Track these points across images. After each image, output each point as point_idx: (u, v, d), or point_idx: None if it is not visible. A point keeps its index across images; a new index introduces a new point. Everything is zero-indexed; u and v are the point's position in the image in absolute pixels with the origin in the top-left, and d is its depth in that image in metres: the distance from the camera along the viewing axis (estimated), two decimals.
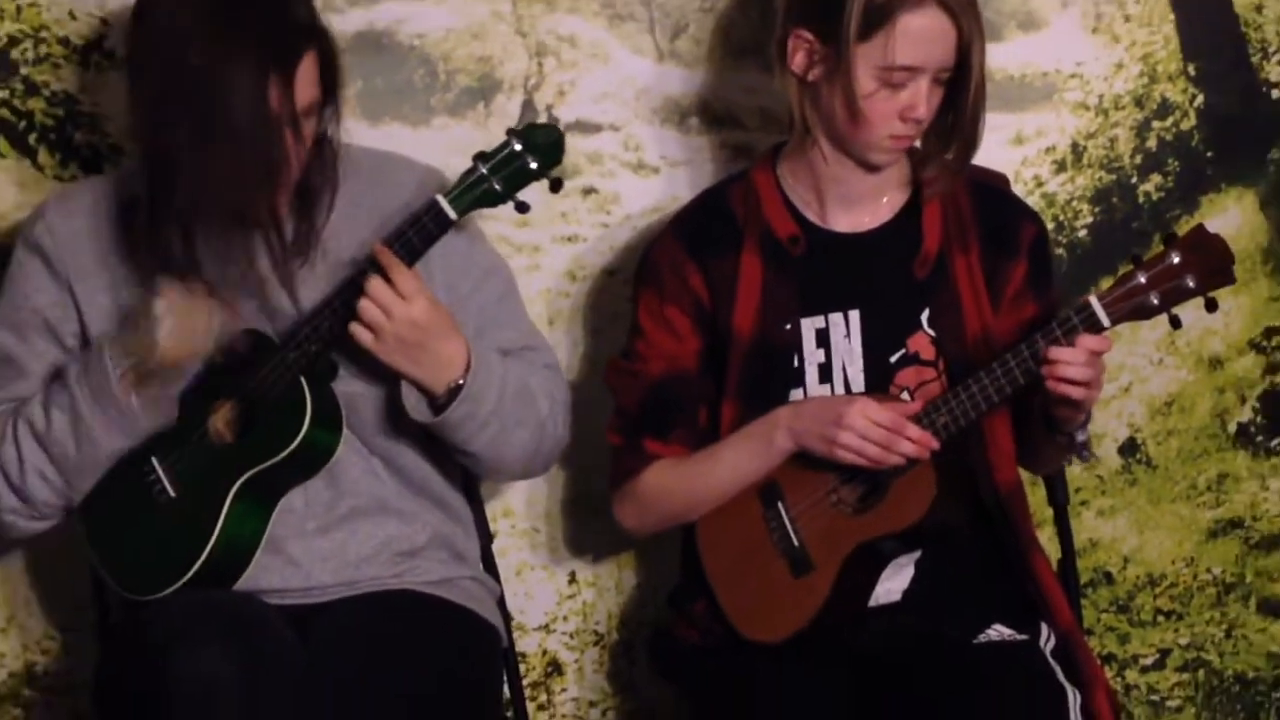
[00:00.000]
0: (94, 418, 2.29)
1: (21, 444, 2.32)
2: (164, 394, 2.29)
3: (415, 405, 2.30)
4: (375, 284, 2.23)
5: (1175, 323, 2.26)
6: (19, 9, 2.60)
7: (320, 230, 2.34)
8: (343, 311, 2.28)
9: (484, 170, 2.24)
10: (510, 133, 2.25)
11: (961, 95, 2.33)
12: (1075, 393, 2.23)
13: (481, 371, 2.29)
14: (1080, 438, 2.35)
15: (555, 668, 2.77)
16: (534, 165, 2.23)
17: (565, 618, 2.77)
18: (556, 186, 2.26)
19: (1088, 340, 2.23)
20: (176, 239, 2.25)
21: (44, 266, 2.39)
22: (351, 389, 2.35)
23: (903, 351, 2.39)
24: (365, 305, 2.24)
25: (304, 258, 2.33)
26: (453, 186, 2.25)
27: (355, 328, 2.25)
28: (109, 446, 2.31)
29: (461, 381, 2.27)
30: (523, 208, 2.27)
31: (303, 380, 2.29)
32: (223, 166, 2.20)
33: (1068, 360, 2.22)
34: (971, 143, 2.37)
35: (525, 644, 2.72)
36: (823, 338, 2.39)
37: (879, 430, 2.27)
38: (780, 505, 2.37)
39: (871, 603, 2.37)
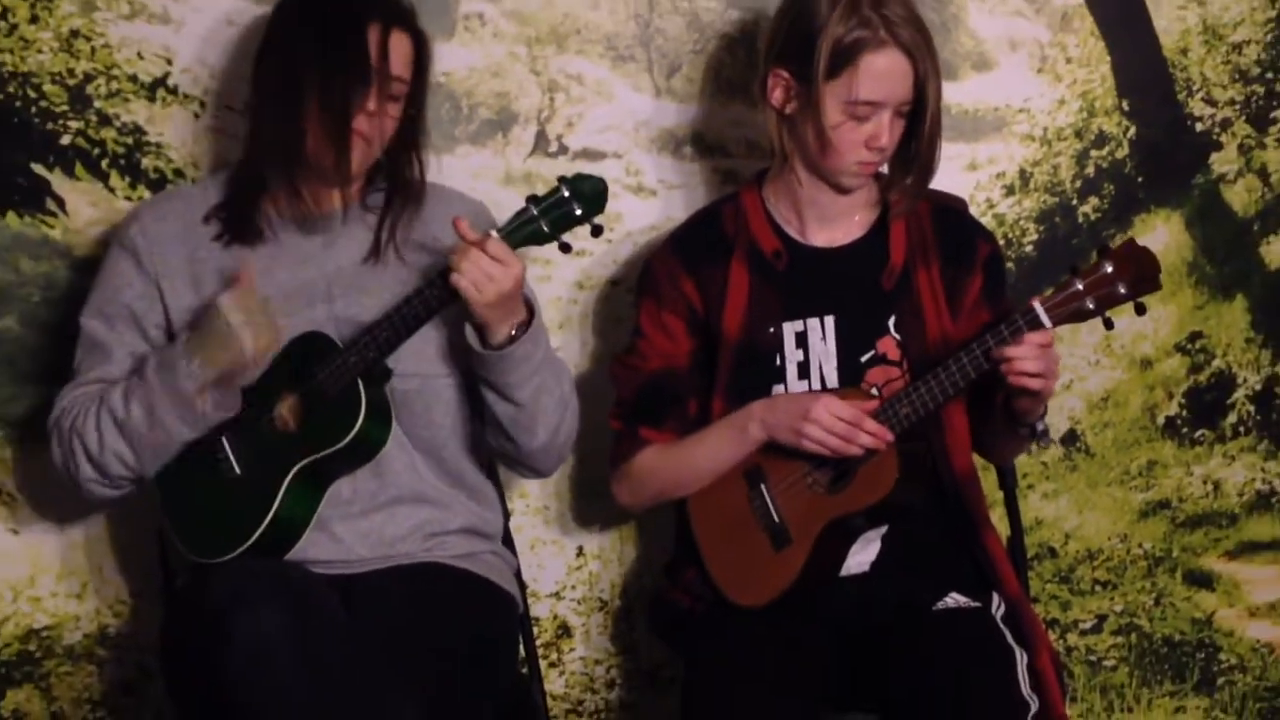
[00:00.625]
0: (168, 413, 2.29)
1: (103, 427, 2.32)
2: (231, 392, 2.30)
3: (478, 342, 2.29)
4: (477, 254, 2.21)
5: (1108, 324, 2.28)
6: (94, 50, 2.60)
7: (394, 229, 2.36)
8: (399, 324, 2.29)
9: (534, 212, 2.24)
10: (561, 180, 2.25)
11: (920, 127, 2.35)
12: (1033, 384, 2.25)
13: (539, 323, 2.31)
14: (1039, 427, 2.37)
15: (565, 630, 2.77)
16: (579, 211, 2.23)
17: (573, 586, 2.76)
18: (597, 232, 2.26)
19: (1033, 336, 2.24)
20: (268, 206, 2.31)
21: (135, 264, 2.40)
22: (405, 386, 2.36)
23: (872, 352, 2.40)
24: (470, 268, 2.20)
25: (375, 258, 2.36)
26: (506, 223, 2.26)
27: (461, 282, 2.21)
28: (179, 438, 2.32)
29: (518, 332, 2.27)
30: (565, 248, 2.27)
31: (360, 382, 2.29)
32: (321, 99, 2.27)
33: (1021, 355, 2.24)
34: (929, 169, 2.39)
35: (538, 609, 2.72)
36: (801, 340, 2.41)
37: (840, 424, 2.29)
38: (763, 486, 2.39)
39: (843, 572, 2.39)
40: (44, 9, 2.61)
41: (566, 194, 2.24)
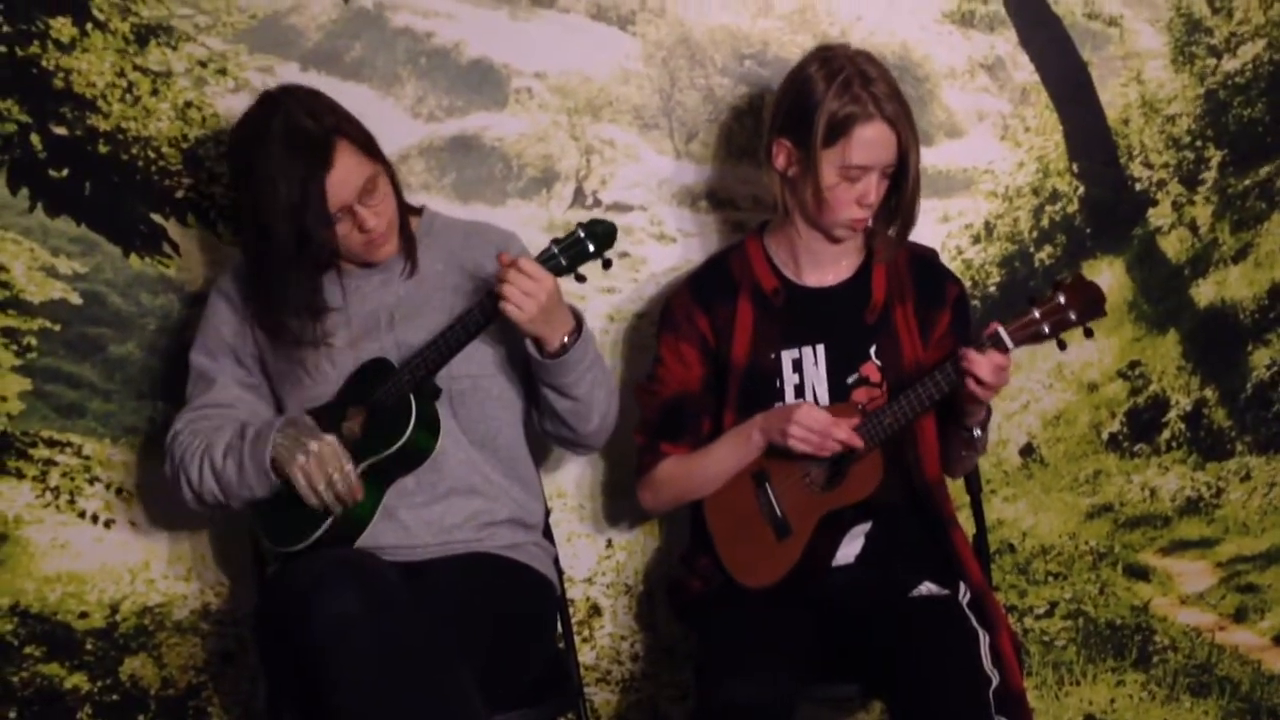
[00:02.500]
0: (251, 476, 2.31)
1: (204, 471, 2.35)
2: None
3: (537, 353, 2.29)
4: (514, 273, 2.21)
5: (1061, 345, 2.28)
6: (204, 118, 2.62)
7: (420, 260, 2.36)
8: (444, 346, 2.30)
9: (555, 250, 2.26)
10: (579, 224, 2.27)
11: (903, 186, 2.36)
12: (980, 392, 2.26)
13: (587, 329, 2.32)
14: (978, 434, 2.38)
15: (595, 610, 2.77)
16: (591, 248, 2.25)
17: (604, 573, 2.77)
18: (607, 265, 2.28)
19: (995, 356, 2.26)
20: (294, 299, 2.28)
21: (230, 307, 2.42)
22: (460, 387, 2.36)
23: (856, 375, 2.41)
24: (510, 289, 2.20)
25: (416, 278, 2.35)
26: (534, 259, 2.27)
27: (507, 306, 2.21)
28: (258, 493, 2.34)
29: (572, 336, 2.28)
30: (580, 279, 2.29)
31: (411, 397, 2.31)
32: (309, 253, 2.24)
33: (979, 361, 2.24)
34: (910, 222, 2.39)
35: (573, 592, 2.72)
36: (797, 365, 2.42)
37: (817, 425, 2.30)
38: (767, 485, 2.39)
39: (834, 563, 2.39)
40: (163, 84, 2.63)
41: (582, 235, 2.26)
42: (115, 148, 2.62)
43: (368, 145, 2.32)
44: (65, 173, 2.62)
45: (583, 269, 2.27)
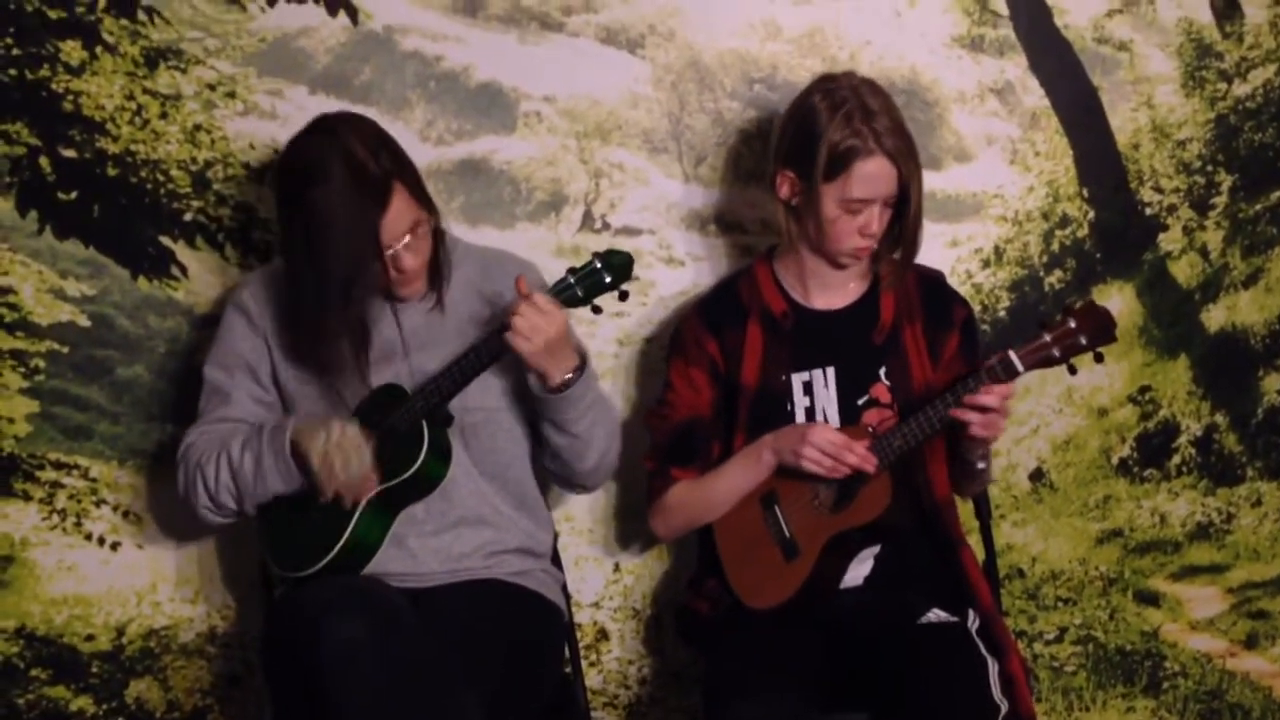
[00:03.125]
0: (269, 470, 2.31)
1: (220, 469, 2.34)
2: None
3: (539, 387, 2.29)
4: (526, 307, 2.22)
5: (1072, 370, 2.28)
6: (213, 141, 2.63)
7: (445, 297, 2.36)
8: (458, 374, 2.30)
9: (572, 280, 2.26)
10: (595, 254, 2.26)
11: (905, 216, 2.37)
12: (978, 430, 2.25)
13: (591, 368, 2.32)
14: (980, 466, 2.38)
15: (603, 635, 2.76)
16: (608, 280, 2.25)
17: (611, 597, 2.77)
18: (624, 297, 2.28)
19: (999, 388, 2.25)
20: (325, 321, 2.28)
21: (247, 323, 2.42)
22: (473, 419, 2.36)
23: (867, 397, 2.41)
24: (520, 321, 2.21)
25: (438, 310, 2.36)
26: (550, 288, 2.27)
27: (513, 337, 2.21)
28: (276, 489, 2.33)
29: (575, 374, 2.27)
30: (597, 310, 2.28)
31: (424, 424, 2.31)
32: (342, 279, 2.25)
33: (983, 401, 2.25)
34: (913, 249, 2.40)
35: (580, 616, 2.72)
36: (807, 388, 2.42)
37: (831, 447, 2.30)
38: (776, 507, 2.39)
39: (841, 585, 2.38)
40: (172, 107, 2.64)
41: (598, 265, 2.25)
42: (124, 170, 2.63)
43: (417, 188, 2.33)
44: (74, 195, 2.63)
45: (599, 300, 2.27)
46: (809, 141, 2.33)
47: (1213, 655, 2.85)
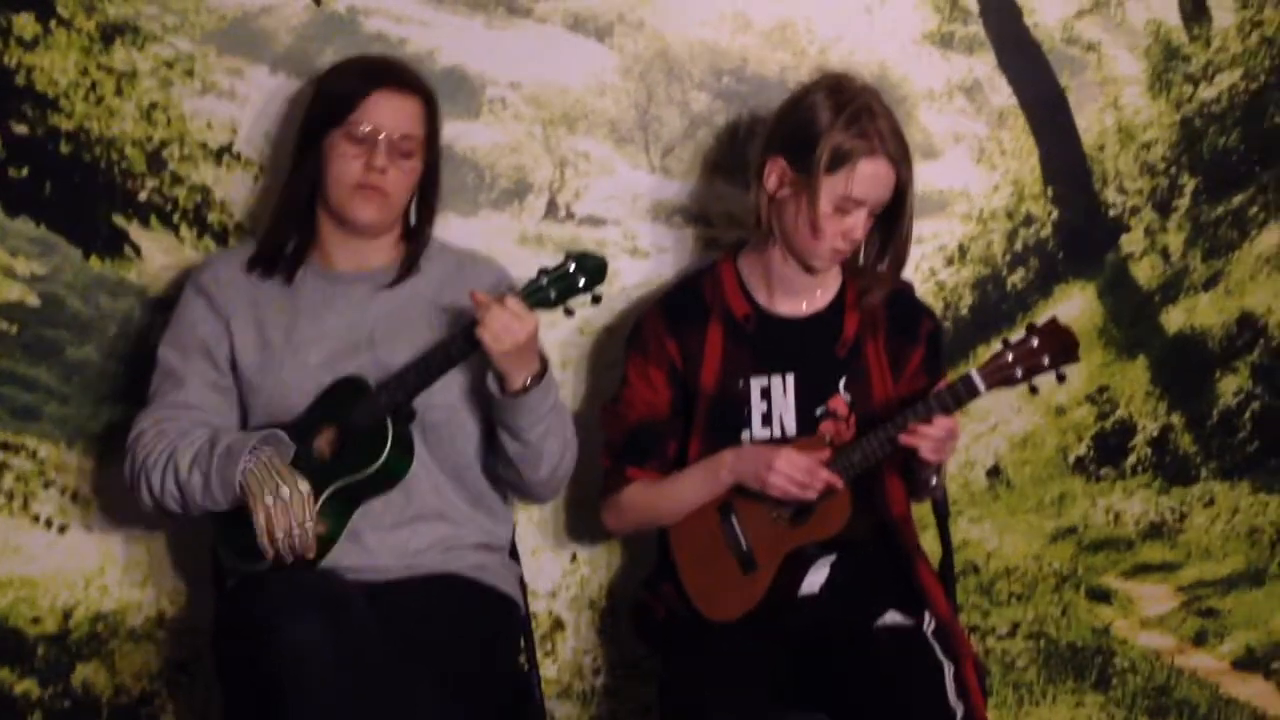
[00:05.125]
0: (217, 494, 2.27)
1: (165, 479, 2.31)
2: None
3: (497, 389, 2.28)
4: (499, 308, 2.20)
5: (1033, 390, 2.31)
6: (169, 120, 2.59)
7: (416, 260, 2.38)
8: (424, 371, 2.28)
9: (544, 281, 2.24)
10: (568, 255, 2.24)
11: (899, 224, 2.37)
12: (929, 455, 2.27)
13: (550, 376, 2.31)
14: (932, 481, 2.40)
15: (558, 625, 2.76)
16: (582, 283, 2.23)
17: (567, 587, 2.75)
18: (596, 300, 2.26)
19: (943, 421, 2.26)
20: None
21: (207, 305, 2.39)
22: (435, 417, 2.35)
23: (824, 408, 2.41)
24: (493, 320, 2.19)
25: (401, 285, 2.37)
26: (521, 288, 2.25)
27: (483, 333, 2.20)
28: (221, 506, 2.29)
29: (534, 380, 2.26)
30: (569, 313, 2.26)
31: (388, 420, 2.29)
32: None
33: (927, 433, 2.26)
34: (902, 260, 2.41)
35: (536, 606, 2.70)
36: (765, 393, 2.41)
37: (799, 474, 2.30)
38: (733, 518, 2.39)
39: (799, 592, 2.38)
40: (127, 84, 2.60)
41: (572, 268, 2.23)
42: (77, 148, 2.59)
43: (434, 131, 2.37)
44: (25, 172, 2.59)
45: (571, 303, 2.25)
46: (810, 132, 2.32)
47: (1161, 652, 2.90)
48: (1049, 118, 2.78)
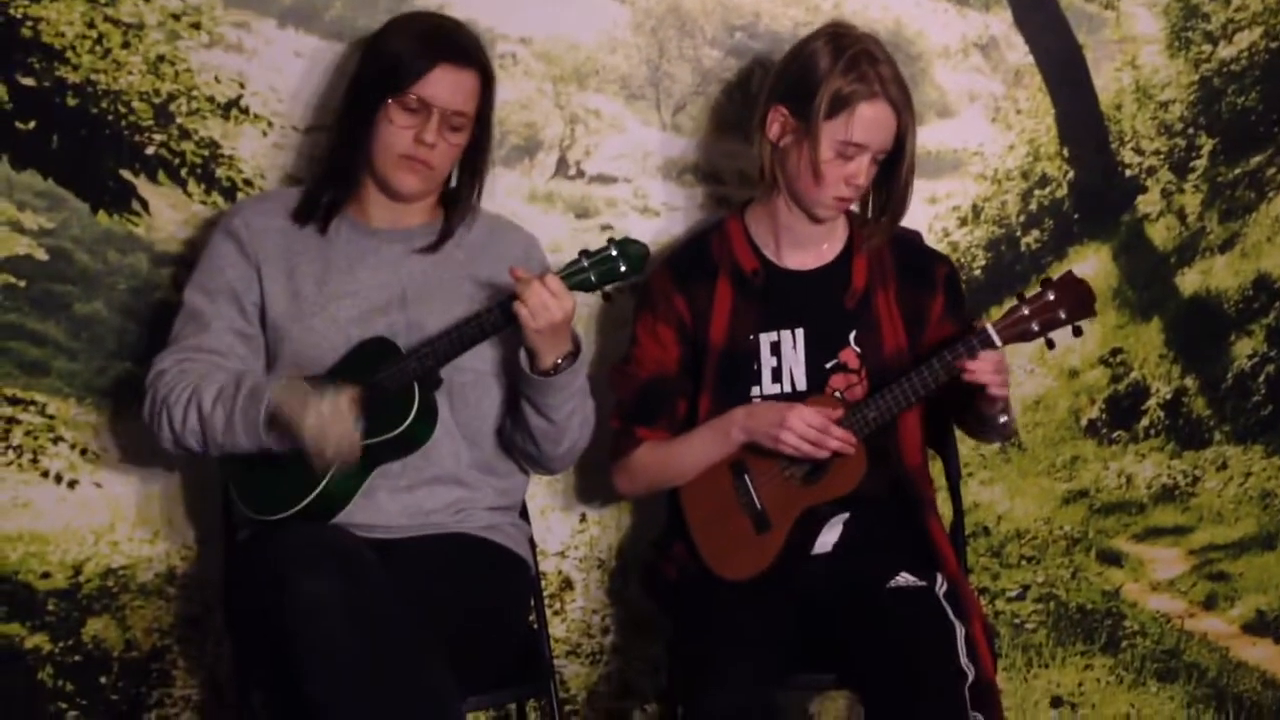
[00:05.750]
0: (240, 434, 2.26)
1: (188, 414, 2.30)
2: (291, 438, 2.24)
3: (528, 366, 2.28)
4: (539, 286, 2.20)
5: (1050, 344, 2.30)
6: (177, 73, 2.58)
7: (453, 230, 2.36)
8: (458, 340, 2.28)
9: (585, 264, 2.24)
10: (610, 240, 2.25)
11: (898, 171, 2.36)
12: (995, 390, 2.26)
13: (582, 358, 2.31)
14: (1002, 420, 2.37)
15: (567, 584, 2.76)
16: (623, 269, 2.24)
17: (576, 547, 2.76)
18: (609, 296, 2.28)
19: (989, 354, 2.27)
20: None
21: (237, 249, 2.37)
22: (462, 379, 2.35)
23: (835, 361, 2.41)
24: (532, 298, 2.19)
25: (437, 250, 2.35)
26: (561, 269, 2.25)
27: (522, 311, 2.20)
28: (243, 447, 2.28)
29: (566, 360, 2.26)
30: (607, 298, 2.27)
31: (415, 385, 2.28)
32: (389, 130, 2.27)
33: (978, 368, 2.26)
34: (902, 208, 2.40)
35: (545, 565, 2.72)
36: (775, 348, 2.41)
37: (812, 432, 2.29)
38: (746, 477, 2.39)
39: (812, 552, 2.39)
40: (134, 36, 2.59)
41: (614, 254, 2.24)
42: (84, 100, 2.58)
43: (488, 104, 2.35)
44: (32, 125, 2.58)
45: (610, 288, 2.26)
46: (811, 78, 2.32)
47: (1171, 615, 2.90)
48: (1066, 76, 2.76)
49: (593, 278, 2.24)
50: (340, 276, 2.37)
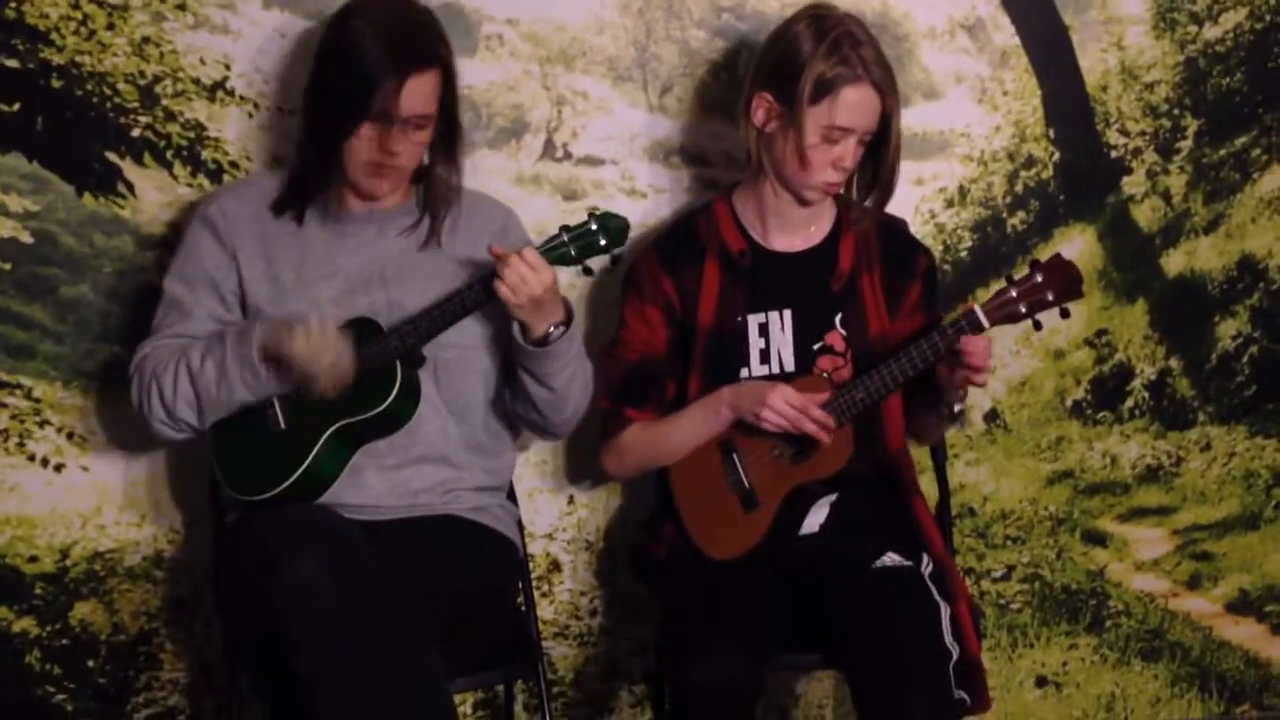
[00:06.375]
0: (234, 375, 2.27)
1: (179, 377, 2.30)
2: (287, 374, 2.27)
3: (521, 338, 2.29)
4: (516, 260, 2.21)
5: (1037, 325, 2.30)
6: (162, 54, 2.57)
7: (441, 221, 2.34)
8: (439, 317, 2.28)
9: (565, 239, 2.24)
10: (591, 214, 2.25)
11: (884, 153, 2.36)
12: (978, 379, 2.28)
13: (575, 324, 2.31)
14: (957, 408, 2.39)
15: (555, 566, 2.76)
16: (603, 243, 2.24)
17: (564, 529, 2.75)
18: (616, 261, 2.27)
19: (982, 339, 2.28)
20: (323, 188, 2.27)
21: (214, 238, 2.37)
22: (445, 355, 2.35)
23: (821, 343, 2.42)
24: (510, 273, 2.20)
25: (431, 242, 2.34)
26: (541, 244, 2.25)
27: (501, 287, 2.20)
28: (240, 397, 2.29)
29: (559, 329, 2.27)
30: (588, 272, 2.28)
31: (398, 363, 2.28)
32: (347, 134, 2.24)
33: (974, 350, 2.27)
34: (889, 190, 2.40)
35: (533, 547, 2.71)
36: (763, 330, 2.42)
37: (790, 411, 2.30)
38: (735, 456, 2.40)
39: (799, 532, 2.40)
40: (119, 18, 2.57)
41: (595, 227, 2.24)
42: (69, 82, 2.56)
43: (450, 92, 2.31)
44: (16, 107, 2.56)
45: (591, 262, 2.26)
46: (794, 64, 2.31)
47: (1155, 595, 2.91)
48: (1052, 58, 2.76)
49: (573, 251, 2.24)
50: (318, 261, 2.36)
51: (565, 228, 2.26)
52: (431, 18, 2.36)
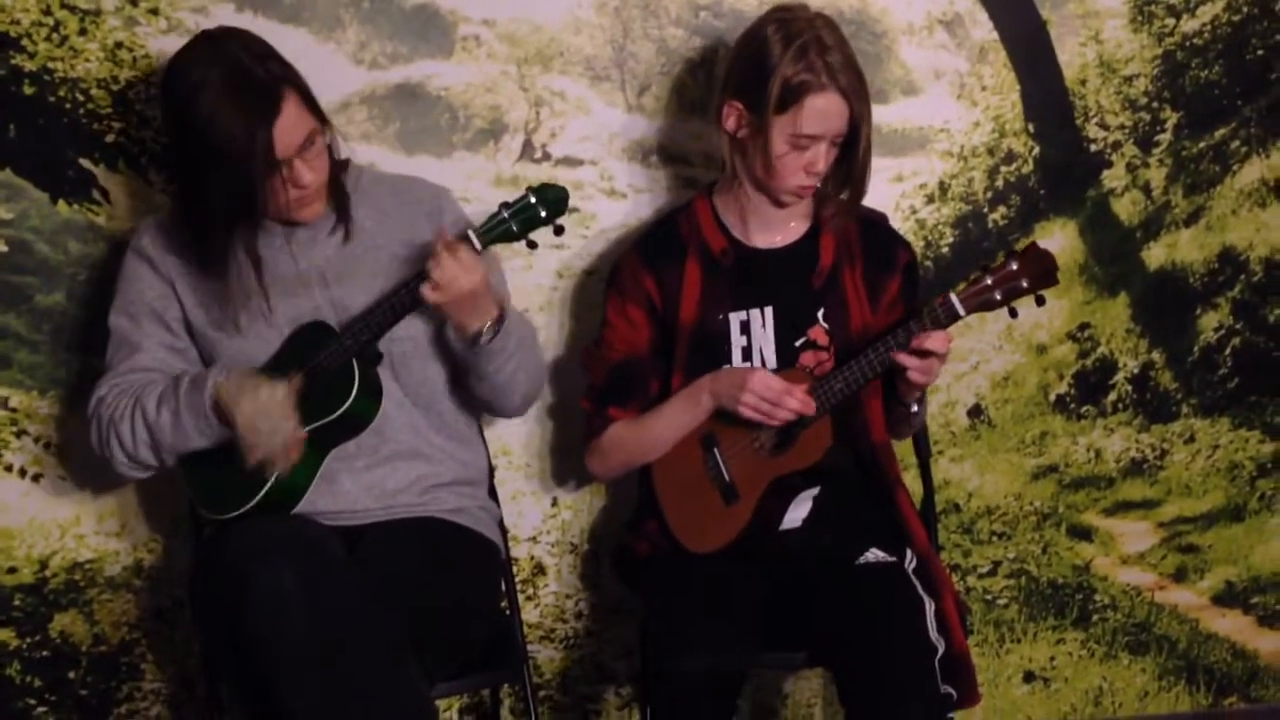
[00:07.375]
0: (189, 428, 2.26)
1: (135, 424, 2.29)
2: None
3: (457, 340, 2.29)
4: (445, 257, 2.20)
5: (1013, 313, 2.30)
6: (135, 60, 2.55)
7: (352, 225, 2.31)
8: (388, 311, 2.27)
9: (505, 215, 2.24)
10: (529, 188, 2.25)
11: (854, 155, 2.36)
12: (917, 376, 2.28)
13: (510, 322, 2.30)
14: (914, 410, 2.40)
15: (539, 569, 2.76)
16: (543, 214, 2.24)
17: (548, 532, 2.76)
18: (559, 231, 2.27)
19: (938, 335, 2.26)
20: (218, 241, 2.22)
21: (150, 269, 2.36)
22: (402, 349, 2.34)
23: (804, 339, 2.42)
24: (437, 271, 2.19)
25: (348, 239, 2.31)
26: (482, 224, 2.25)
27: (426, 288, 2.20)
28: (196, 444, 2.28)
29: (493, 326, 2.25)
30: (532, 245, 2.27)
31: (354, 362, 2.28)
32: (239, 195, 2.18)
33: (932, 341, 2.26)
34: (860, 190, 2.39)
35: (517, 551, 2.72)
36: (745, 327, 2.42)
37: (770, 393, 2.30)
38: (715, 449, 2.39)
39: (781, 527, 2.39)
40: (91, 23, 2.55)
41: (533, 200, 2.24)
42: (41, 89, 2.55)
43: (310, 99, 2.28)
44: None
45: (534, 235, 2.25)
46: (760, 73, 2.30)
47: (1142, 588, 2.92)
48: (1030, 52, 2.75)
49: (514, 227, 2.24)
50: (256, 275, 2.32)
51: (504, 204, 2.25)
52: (253, 40, 2.25)
